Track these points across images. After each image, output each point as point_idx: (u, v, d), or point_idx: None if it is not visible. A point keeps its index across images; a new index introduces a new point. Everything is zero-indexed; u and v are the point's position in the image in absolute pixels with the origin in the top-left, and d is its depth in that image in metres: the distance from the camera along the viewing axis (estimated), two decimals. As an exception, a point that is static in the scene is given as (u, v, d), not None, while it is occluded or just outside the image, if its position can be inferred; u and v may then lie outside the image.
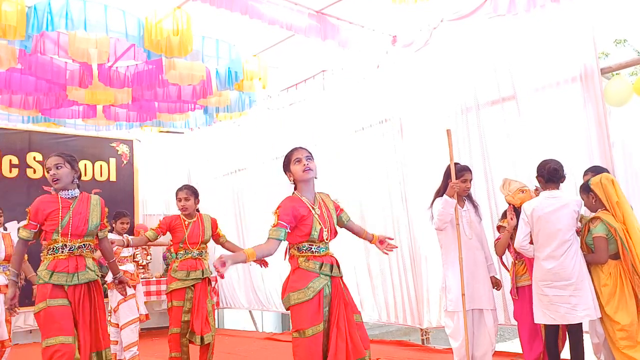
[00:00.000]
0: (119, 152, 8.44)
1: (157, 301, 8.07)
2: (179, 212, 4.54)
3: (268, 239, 2.94)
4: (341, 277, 3.14)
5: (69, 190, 3.42)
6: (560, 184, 3.88)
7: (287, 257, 3.14)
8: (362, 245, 6.39)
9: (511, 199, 4.07)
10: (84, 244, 3.42)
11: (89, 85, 5.57)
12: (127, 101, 6.12)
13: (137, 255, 7.76)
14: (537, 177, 3.92)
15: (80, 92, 5.83)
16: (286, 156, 3.14)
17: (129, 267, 5.51)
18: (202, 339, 4.38)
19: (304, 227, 3.02)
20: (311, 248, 3.04)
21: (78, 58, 4.89)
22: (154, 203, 8.87)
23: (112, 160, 8.37)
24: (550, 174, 3.84)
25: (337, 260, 3.15)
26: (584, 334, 3.87)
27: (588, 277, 3.71)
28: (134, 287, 5.43)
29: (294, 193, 3.12)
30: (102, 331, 3.47)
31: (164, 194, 8.64)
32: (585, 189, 3.83)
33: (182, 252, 4.51)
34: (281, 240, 2.98)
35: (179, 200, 4.51)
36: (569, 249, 3.69)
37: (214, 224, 4.65)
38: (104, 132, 7.95)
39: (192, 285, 4.46)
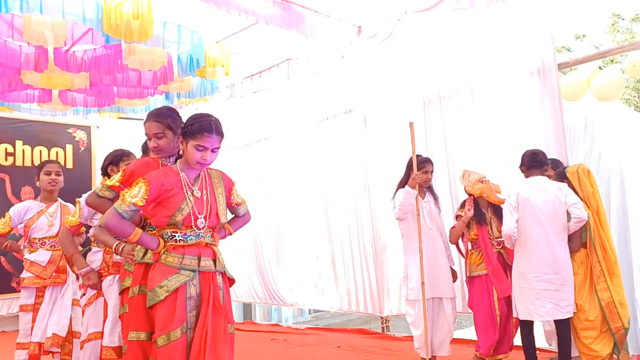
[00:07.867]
0: (76, 139, 8.17)
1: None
2: None
3: None
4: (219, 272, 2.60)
5: None
6: (545, 171, 3.88)
7: None
8: (326, 234, 6.42)
9: (471, 189, 4.15)
10: None
11: (45, 69, 5.35)
12: (85, 85, 5.93)
13: None
14: (520, 167, 3.94)
15: (36, 76, 5.60)
16: (192, 122, 2.51)
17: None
18: None
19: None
20: (174, 236, 2.55)
21: (33, 41, 4.69)
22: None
23: (69, 147, 8.09)
24: (530, 160, 3.85)
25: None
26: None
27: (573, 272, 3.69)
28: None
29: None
30: None
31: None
32: (560, 176, 3.88)
33: None
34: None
35: None
36: (561, 238, 3.66)
37: None
38: (60, 118, 7.67)
39: None
